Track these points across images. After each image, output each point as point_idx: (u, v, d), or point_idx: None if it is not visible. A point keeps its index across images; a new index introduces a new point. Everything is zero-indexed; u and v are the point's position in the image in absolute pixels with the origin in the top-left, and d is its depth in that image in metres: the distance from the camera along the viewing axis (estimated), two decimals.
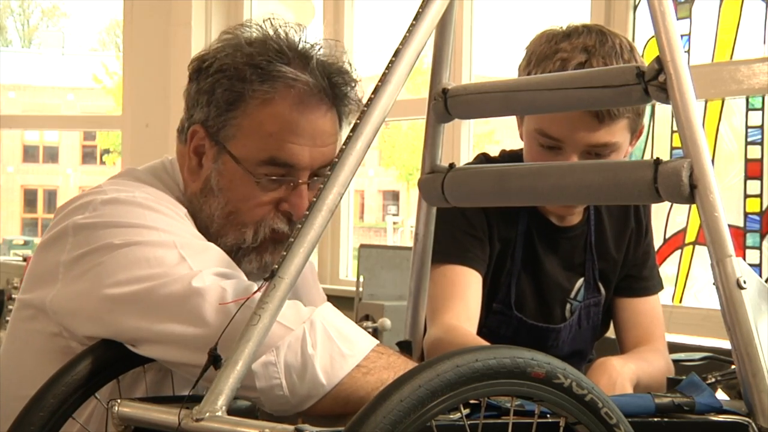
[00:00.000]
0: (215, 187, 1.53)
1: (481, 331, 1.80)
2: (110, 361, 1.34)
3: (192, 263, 1.34)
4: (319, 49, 1.55)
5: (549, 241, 1.87)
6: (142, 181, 1.54)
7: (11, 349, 1.51)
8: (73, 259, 1.40)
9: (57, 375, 1.30)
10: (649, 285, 1.95)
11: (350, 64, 1.58)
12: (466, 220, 1.81)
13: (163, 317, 1.31)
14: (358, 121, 1.21)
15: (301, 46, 1.54)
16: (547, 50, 1.75)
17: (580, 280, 1.89)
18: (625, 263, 1.93)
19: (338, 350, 1.26)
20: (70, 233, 1.42)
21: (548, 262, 1.87)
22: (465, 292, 1.79)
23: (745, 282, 1.17)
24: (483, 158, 1.93)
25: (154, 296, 1.32)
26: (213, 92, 1.52)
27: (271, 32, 1.54)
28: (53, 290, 1.41)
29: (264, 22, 1.56)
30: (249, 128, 1.51)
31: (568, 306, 1.89)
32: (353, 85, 1.56)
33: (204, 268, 1.33)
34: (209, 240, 1.52)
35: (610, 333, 1.99)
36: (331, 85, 1.53)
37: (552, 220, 1.87)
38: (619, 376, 1.67)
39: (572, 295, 1.89)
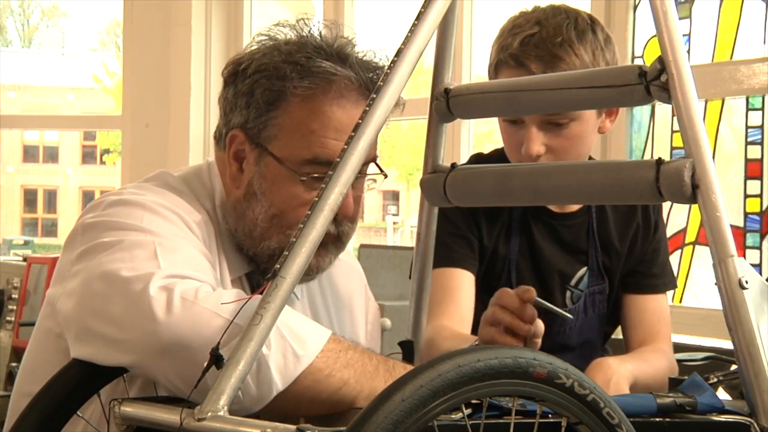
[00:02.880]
0: (258, 191, 1.51)
1: None
2: (87, 377, 1.34)
3: (163, 263, 1.34)
4: (355, 45, 1.55)
5: (547, 227, 1.88)
6: (168, 187, 1.53)
7: (31, 345, 1.54)
8: (75, 257, 1.42)
9: (37, 397, 1.31)
10: (658, 283, 1.94)
11: (387, 58, 1.55)
12: (450, 222, 1.82)
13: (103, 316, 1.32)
14: (360, 121, 1.21)
15: (338, 42, 1.54)
16: (505, 27, 1.81)
17: (583, 269, 1.89)
18: (630, 258, 1.92)
19: (291, 350, 1.25)
20: (79, 232, 1.45)
21: (546, 248, 1.87)
22: (456, 294, 1.81)
23: (747, 282, 1.17)
24: (474, 159, 1.95)
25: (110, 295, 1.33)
26: (252, 94, 1.51)
27: (306, 31, 1.54)
28: (62, 288, 1.43)
29: (297, 21, 1.55)
30: (290, 127, 1.50)
31: (568, 294, 1.89)
32: None
33: (169, 269, 1.33)
34: (252, 244, 1.52)
35: (618, 333, 1.99)
36: (370, 80, 1.52)
37: (549, 207, 1.88)
38: (615, 374, 1.68)
39: (573, 282, 1.89)
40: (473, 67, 3.76)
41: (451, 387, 0.97)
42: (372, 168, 1.57)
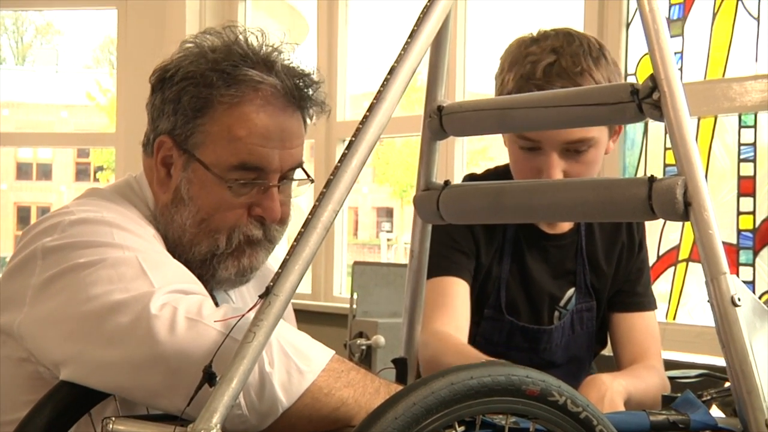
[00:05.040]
0: (186, 196, 1.52)
1: (475, 340, 1.82)
2: (78, 397, 1.32)
3: (154, 279, 1.33)
4: (281, 53, 1.56)
5: (537, 248, 1.89)
6: (108, 201, 1.53)
7: None
8: (43, 281, 1.38)
9: (26, 420, 1.29)
10: (644, 301, 1.96)
11: (313, 67, 1.58)
12: (451, 237, 1.84)
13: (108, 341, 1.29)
14: (353, 138, 1.21)
15: (264, 50, 1.55)
16: (518, 54, 1.81)
17: (571, 290, 1.90)
18: (617, 278, 1.93)
19: (295, 366, 1.25)
20: (39, 256, 1.40)
21: (536, 269, 1.88)
22: (452, 301, 1.82)
23: (739, 299, 1.17)
24: (468, 179, 1.96)
25: (107, 320, 1.30)
26: (179, 100, 1.52)
27: (233, 38, 1.55)
28: (21, 314, 1.39)
29: (224, 29, 1.56)
30: (217, 134, 1.51)
31: (556, 314, 1.90)
32: (316, 87, 1.57)
33: (164, 285, 1.32)
34: (182, 250, 1.52)
35: (609, 351, 1.99)
36: (295, 87, 1.54)
37: (541, 227, 1.89)
38: (609, 389, 1.68)
39: (562, 303, 1.90)
40: (466, 84, 3.77)
41: (444, 404, 0.97)
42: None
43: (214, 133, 1.51)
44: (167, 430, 1.12)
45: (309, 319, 3.81)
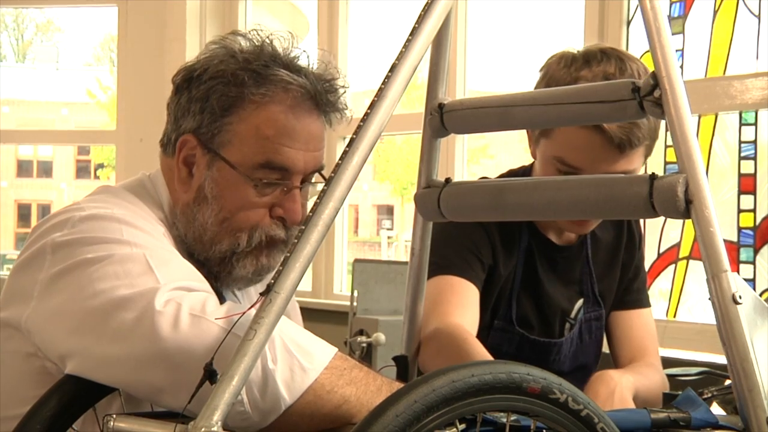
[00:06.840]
0: (209, 195, 1.53)
1: None
2: (83, 391, 1.33)
3: (160, 276, 1.33)
4: (308, 56, 1.57)
5: (548, 259, 1.88)
6: (119, 198, 1.53)
7: None
8: (51, 276, 1.38)
9: (31, 412, 1.29)
10: (642, 298, 1.96)
11: (338, 71, 1.59)
12: (472, 242, 1.82)
13: (112, 336, 1.29)
14: (354, 136, 1.21)
15: (293, 53, 1.56)
16: (567, 77, 1.74)
17: (580, 301, 1.90)
18: (622, 279, 1.93)
19: (298, 363, 1.25)
20: (48, 251, 1.41)
21: (547, 280, 1.88)
22: (465, 300, 1.80)
23: (740, 297, 1.17)
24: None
25: (111, 315, 1.30)
26: (207, 99, 1.53)
27: (260, 40, 1.55)
28: (29, 308, 1.39)
29: (250, 32, 1.57)
30: (245, 133, 1.51)
31: (567, 326, 1.90)
32: (341, 92, 1.58)
33: (170, 282, 1.32)
34: (202, 248, 1.53)
35: (605, 348, 1.99)
36: (323, 91, 1.55)
37: (551, 238, 1.88)
38: (618, 385, 1.68)
39: (572, 315, 1.90)
40: (467, 82, 3.77)
41: (445, 402, 0.97)
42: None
43: (241, 132, 1.51)
44: (168, 428, 1.12)
45: (309, 316, 3.80)
